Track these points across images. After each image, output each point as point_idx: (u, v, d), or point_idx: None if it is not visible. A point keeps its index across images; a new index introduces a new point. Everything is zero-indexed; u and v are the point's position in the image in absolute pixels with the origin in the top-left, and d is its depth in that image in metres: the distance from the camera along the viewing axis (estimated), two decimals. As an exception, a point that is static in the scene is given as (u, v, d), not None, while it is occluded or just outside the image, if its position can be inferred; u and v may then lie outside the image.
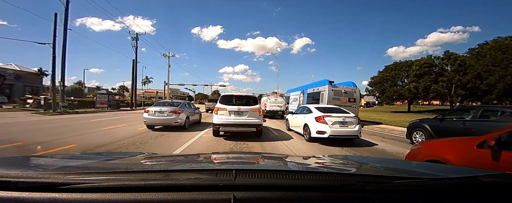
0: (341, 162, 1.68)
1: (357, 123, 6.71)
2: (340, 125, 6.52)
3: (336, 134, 6.39)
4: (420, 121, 7.27)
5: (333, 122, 6.49)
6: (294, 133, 8.33)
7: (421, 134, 6.82)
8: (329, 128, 6.38)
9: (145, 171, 1.03)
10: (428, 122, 6.86)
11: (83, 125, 9.56)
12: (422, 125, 6.90)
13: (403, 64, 37.12)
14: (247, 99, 7.19)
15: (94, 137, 6.72)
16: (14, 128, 8.27)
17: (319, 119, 6.62)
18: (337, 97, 12.72)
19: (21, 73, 36.08)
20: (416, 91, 32.17)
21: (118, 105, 26.03)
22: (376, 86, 39.02)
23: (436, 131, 6.38)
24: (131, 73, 28.39)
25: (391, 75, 36.88)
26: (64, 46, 19.59)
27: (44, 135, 6.80)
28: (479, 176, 0.91)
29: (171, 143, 6.16)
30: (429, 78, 30.67)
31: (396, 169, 1.39)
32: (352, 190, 0.80)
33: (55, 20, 19.32)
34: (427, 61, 32.34)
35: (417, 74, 31.66)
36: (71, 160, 1.49)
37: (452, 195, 0.81)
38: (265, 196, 0.75)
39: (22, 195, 0.72)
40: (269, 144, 6.29)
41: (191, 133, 8.01)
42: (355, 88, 13.53)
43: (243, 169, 0.95)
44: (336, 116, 6.64)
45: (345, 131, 6.51)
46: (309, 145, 6.37)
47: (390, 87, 37.01)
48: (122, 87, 55.45)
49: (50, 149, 4.96)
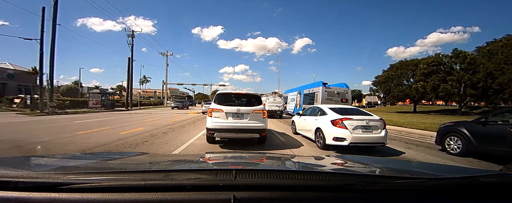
0: (341, 162, 1.63)
1: (383, 127, 5.43)
2: (363, 130, 5.24)
3: (358, 142, 5.13)
4: (454, 124, 5.93)
5: (354, 126, 5.21)
6: (302, 138, 7.15)
7: (457, 140, 5.56)
8: (350, 133, 5.11)
9: (145, 171, 1.02)
10: (466, 125, 5.55)
11: (59, 128, 8.39)
12: (458, 130, 5.59)
13: (409, 63, 35.67)
14: (248, 98, 5.93)
15: (55, 144, 5.52)
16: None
17: (337, 122, 5.33)
18: (330, 97, 13.28)
19: (14, 72, 34.96)
20: (423, 91, 30.75)
21: (112, 105, 24.84)
22: (381, 86, 37.65)
23: (478, 136, 5.15)
24: (127, 72, 27.26)
25: (396, 74, 35.48)
26: (53, 43, 18.45)
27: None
28: (479, 176, 0.91)
29: (155, 149, 4.98)
30: (437, 77, 29.25)
31: (396, 169, 1.36)
32: (352, 190, 0.79)
33: (43, 15, 18.18)
34: (435, 59, 30.92)
35: (424, 73, 30.25)
36: (71, 160, 1.51)
37: (452, 195, 0.81)
38: (265, 196, 0.75)
39: (22, 195, 0.72)
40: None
41: (180, 138, 6.85)
42: (347, 89, 14.15)
43: (243, 169, 0.99)
44: (357, 118, 5.34)
45: (369, 138, 5.25)
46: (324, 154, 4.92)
47: (396, 86, 35.56)
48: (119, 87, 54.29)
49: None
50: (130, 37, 27.49)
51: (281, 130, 9.20)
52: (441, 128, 6.22)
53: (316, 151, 5.56)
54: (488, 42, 30.07)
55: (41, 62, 17.46)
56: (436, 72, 30.02)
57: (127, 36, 27.57)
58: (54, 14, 18.35)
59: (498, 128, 5.00)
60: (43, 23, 17.74)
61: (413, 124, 12.54)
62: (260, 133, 5.49)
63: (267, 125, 5.84)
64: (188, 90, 75.75)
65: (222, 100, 5.68)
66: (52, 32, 18.17)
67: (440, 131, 6.15)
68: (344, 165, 1.55)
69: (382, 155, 5.17)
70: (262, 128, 5.50)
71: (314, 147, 5.95)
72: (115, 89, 55.46)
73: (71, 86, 42.58)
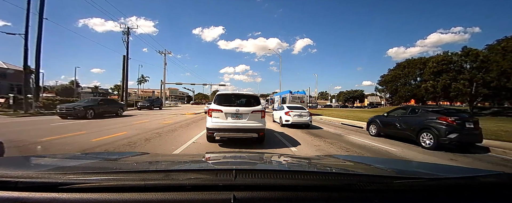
0: (341, 162, 1.66)
1: (309, 115, 10.94)
2: (298, 117, 10.46)
3: (296, 122, 10.36)
4: (374, 117, 9.10)
5: (294, 115, 10.46)
6: (274, 123, 12.29)
7: (374, 126, 8.76)
8: (291, 118, 10.39)
9: (145, 171, 1.01)
10: (379, 117, 8.71)
11: (28, 132, 7.11)
12: (375, 120, 8.76)
13: (417, 61, 34.20)
14: (247, 98, 6.05)
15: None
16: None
17: (287, 113, 10.71)
18: (294, 100, 21.00)
19: (7, 70, 33.71)
20: (433, 91, 29.20)
21: (106, 105, 23.46)
22: (387, 85, 36.14)
23: (383, 124, 8.30)
24: (122, 70, 25.98)
25: (404, 73, 34.00)
26: (39, 38, 17.13)
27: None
28: (479, 176, 0.92)
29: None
30: (448, 76, 27.75)
31: (396, 169, 1.37)
32: (352, 190, 0.79)
33: (28, 8, 16.80)
34: (445, 57, 29.45)
35: (434, 72, 28.78)
36: (71, 160, 1.49)
37: (452, 195, 0.80)
38: (265, 196, 0.74)
39: (22, 195, 0.72)
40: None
41: (163, 148, 5.57)
42: (304, 95, 23.53)
43: (243, 169, 0.95)
44: (296, 111, 10.74)
45: (302, 121, 10.45)
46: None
47: (403, 86, 33.99)
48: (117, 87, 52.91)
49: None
50: (125, 34, 26.22)
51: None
52: (369, 120, 9.31)
53: (278, 127, 10.63)
54: (498, 40, 28.60)
55: (25, 59, 16.23)
56: (446, 71, 28.54)
57: (123, 33, 26.32)
58: (40, 7, 17.10)
59: (390, 118, 8.10)
60: (28, 16, 16.46)
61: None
62: (258, 132, 5.64)
63: (265, 125, 5.94)
64: (188, 90, 74.66)
65: (221, 100, 5.77)
66: (39, 27, 16.90)
67: (368, 121, 9.41)
68: (344, 165, 1.56)
69: (382, 155, 5.67)
70: (260, 128, 5.64)
71: (278, 125, 11.35)
72: (113, 89, 54.23)
73: (66, 85, 41.27)
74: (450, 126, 6.00)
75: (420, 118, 6.81)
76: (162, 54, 36.49)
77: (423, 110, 7.14)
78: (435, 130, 6.11)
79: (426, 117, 6.65)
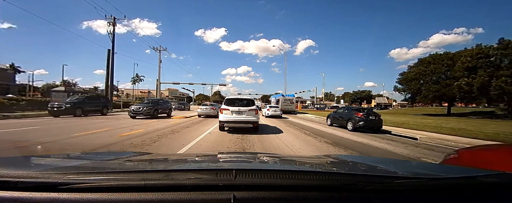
0: (341, 162, 1.66)
1: (280, 110, 21.81)
2: (274, 111, 20.19)
3: (272, 115, 19.61)
4: (329, 114, 14.43)
5: (272, 110, 20.38)
6: (265, 117, 19.16)
7: (329, 119, 13.65)
8: (269, 112, 19.97)
9: (145, 171, 1.01)
10: (333, 113, 13.91)
11: None
12: (331, 115, 13.87)
13: (443, 56, 30.26)
14: (246, 101, 9.00)
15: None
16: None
17: (268, 109, 20.60)
18: (285, 101, 29.02)
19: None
20: (469, 89, 25.13)
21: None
22: (409, 84, 32.09)
23: (334, 117, 13.21)
24: (106, 67, 22.42)
25: (429, 69, 30.02)
26: None
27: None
28: (479, 176, 0.91)
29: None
30: (485, 73, 23.85)
31: (396, 169, 1.35)
32: (352, 190, 0.79)
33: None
34: (480, 50, 25.59)
35: (468, 68, 24.89)
36: (71, 160, 1.48)
37: (452, 195, 0.80)
38: (265, 196, 0.74)
39: (22, 195, 0.71)
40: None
41: None
42: (293, 97, 32.20)
43: (243, 169, 0.94)
44: (274, 108, 21.43)
45: (276, 114, 20.00)
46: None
47: (430, 84, 29.85)
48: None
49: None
50: (110, 25, 22.71)
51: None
52: (327, 116, 14.68)
53: (265, 119, 17.24)
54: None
55: None
56: (482, 66, 24.66)
57: (108, 24, 22.82)
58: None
59: (337, 114, 13.14)
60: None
61: None
62: (253, 123, 8.53)
63: (258, 119, 9.06)
64: (188, 91, 71.37)
65: (228, 103, 8.77)
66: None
67: (326, 116, 14.61)
68: (344, 165, 1.57)
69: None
70: (255, 121, 8.58)
71: (263, 116, 18.99)
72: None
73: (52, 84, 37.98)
74: (360, 118, 10.74)
75: (347, 113, 11.91)
76: (157, 50, 32.97)
77: (350, 108, 13.04)
78: (353, 120, 10.89)
79: (351, 112, 11.55)
